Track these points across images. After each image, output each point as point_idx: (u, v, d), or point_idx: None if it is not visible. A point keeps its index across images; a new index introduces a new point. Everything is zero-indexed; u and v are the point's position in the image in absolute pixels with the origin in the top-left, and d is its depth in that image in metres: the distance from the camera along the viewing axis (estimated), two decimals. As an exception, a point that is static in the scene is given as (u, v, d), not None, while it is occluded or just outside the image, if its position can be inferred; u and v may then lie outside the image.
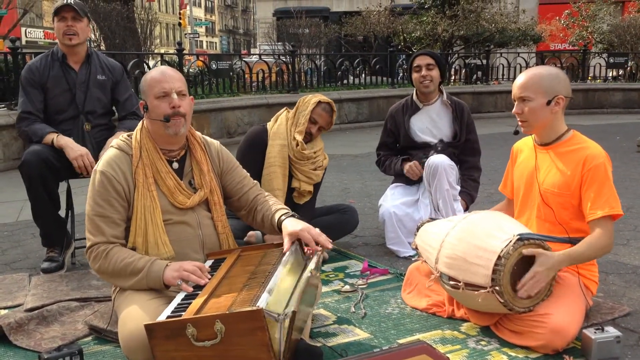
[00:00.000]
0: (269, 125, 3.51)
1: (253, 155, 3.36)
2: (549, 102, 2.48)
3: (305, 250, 2.37)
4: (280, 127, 3.45)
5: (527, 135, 2.70)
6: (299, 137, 3.39)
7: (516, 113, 2.56)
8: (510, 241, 2.30)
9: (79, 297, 2.92)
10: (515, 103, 2.56)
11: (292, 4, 24.21)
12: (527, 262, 2.32)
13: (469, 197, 3.70)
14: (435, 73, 3.67)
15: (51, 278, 3.25)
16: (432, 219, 2.90)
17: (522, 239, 2.31)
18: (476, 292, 2.35)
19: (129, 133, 2.45)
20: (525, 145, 2.76)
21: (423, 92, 3.72)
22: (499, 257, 2.28)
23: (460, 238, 2.46)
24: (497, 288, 2.28)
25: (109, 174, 2.29)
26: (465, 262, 2.40)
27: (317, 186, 3.56)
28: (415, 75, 3.71)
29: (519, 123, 2.58)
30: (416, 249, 2.84)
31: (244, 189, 2.59)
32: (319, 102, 3.43)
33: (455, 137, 3.74)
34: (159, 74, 2.37)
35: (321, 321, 2.66)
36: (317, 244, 2.32)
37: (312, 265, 2.13)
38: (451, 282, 2.47)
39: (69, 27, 3.36)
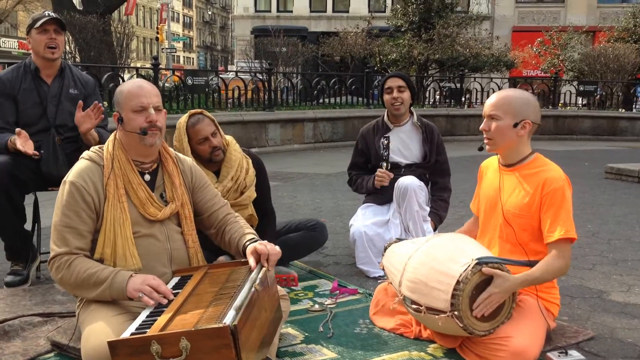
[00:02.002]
0: None
1: None
2: (515, 125, 2.53)
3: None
4: None
5: (493, 154, 2.75)
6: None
7: (483, 129, 2.61)
8: (469, 265, 2.31)
9: (42, 312, 2.87)
10: (484, 120, 2.62)
11: (271, 23, 24.36)
12: (487, 286, 2.33)
13: (437, 218, 3.73)
14: (406, 95, 3.73)
15: (14, 292, 3.19)
16: (398, 240, 2.91)
17: (480, 263, 2.33)
18: (436, 317, 2.37)
19: (99, 145, 2.44)
20: (490, 165, 2.81)
21: (394, 114, 3.77)
22: (458, 282, 2.29)
23: (422, 262, 2.47)
24: (456, 313, 2.29)
25: (79, 184, 2.26)
26: (426, 287, 2.41)
27: (263, 197, 3.29)
28: (386, 97, 3.76)
29: (485, 141, 2.63)
30: (384, 269, 2.85)
31: (214, 207, 2.57)
32: (186, 125, 3.04)
33: (425, 158, 3.79)
34: (137, 88, 2.36)
35: (289, 340, 2.65)
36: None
37: (257, 280, 2.10)
38: (413, 306, 2.48)
39: (52, 39, 3.32)
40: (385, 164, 3.60)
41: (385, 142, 3.58)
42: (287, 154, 9.78)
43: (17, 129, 3.16)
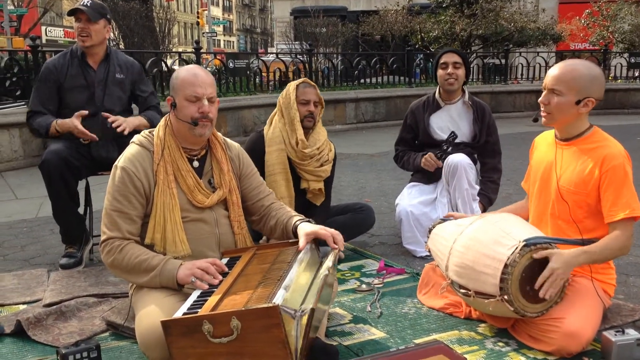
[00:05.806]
0: (265, 129, 3.42)
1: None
2: (578, 102, 2.39)
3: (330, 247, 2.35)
4: (276, 131, 3.37)
5: (547, 127, 2.59)
6: (300, 134, 3.32)
7: (542, 103, 2.47)
8: (517, 247, 2.25)
9: (97, 293, 2.95)
10: (544, 92, 2.47)
11: (310, 3, 24.20)
12: (538, 267, 2.27)
13: (487, 200, 3.66)
14: (461, 72, 3.64)
15: (69, 274, 3.28)
16: (442, 220, 2.84)
17: (528, 244, 2.26)
18: (486, 301, 2.33)
19: (149, 130, 2.47)
20: (545, 139, 2.68)
21: (447, 89, 3.69)
22: (506, 266, 2.24)
23: (468, 246, 2.42)
24: (506, 297, 2.25)
25: (130, 170, 2.30)
26: (473, 271, 2.37)
27: (328, 182, 3.49)
28: (440, 72, 3.67)
29: (542, 114, 2.49)
30: (430, 252, 2.82)
31: (260, 195, 2.59)
32: (297, 85, 3.38)
33: (474, 138, 3.71)
34: (193, 76, 2.36)
35: (337, 320, 2.66)
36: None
37: (329, 263, 2.12)
38: (462, 290, 2.45)
39: (82, 29, 3.39)
40: (440, 154, 3.54)
41: (452, 138, 3.54)
42: (330, 135, 9.67)
43: (79, 112, 3.30)
